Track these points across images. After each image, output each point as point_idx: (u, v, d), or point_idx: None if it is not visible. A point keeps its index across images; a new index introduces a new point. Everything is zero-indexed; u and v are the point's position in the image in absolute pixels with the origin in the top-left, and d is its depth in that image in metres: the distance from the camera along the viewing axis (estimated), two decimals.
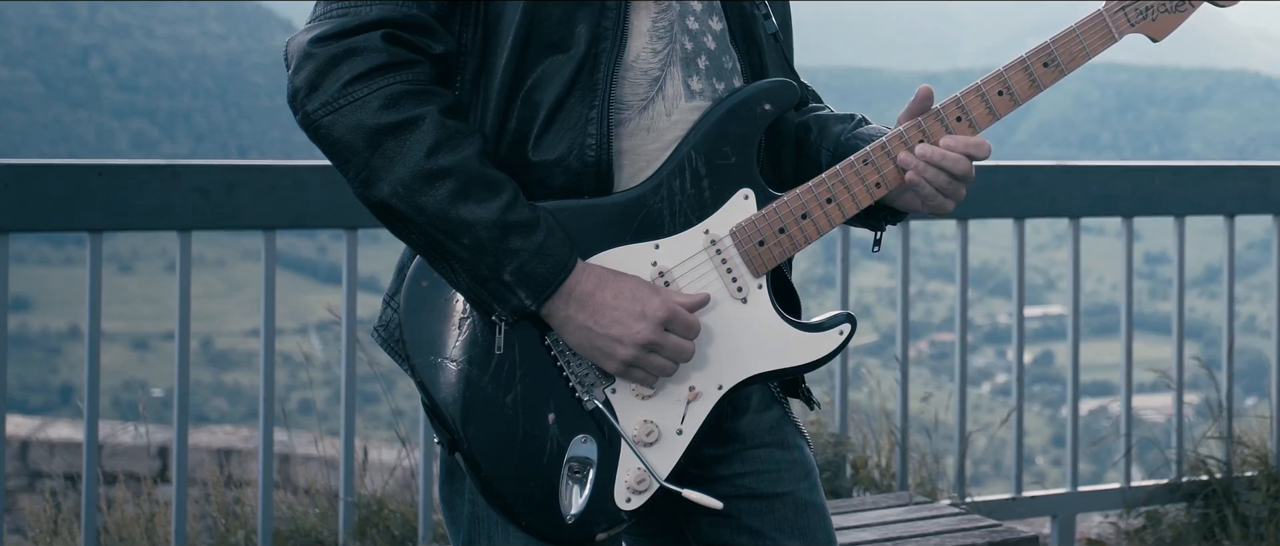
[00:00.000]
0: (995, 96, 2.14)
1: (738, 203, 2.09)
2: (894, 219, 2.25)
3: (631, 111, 2.08)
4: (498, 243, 1.97)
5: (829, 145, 2.24)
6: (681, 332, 2.03)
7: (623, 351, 2.02)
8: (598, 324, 2.01)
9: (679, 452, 2.07)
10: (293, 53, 2.01)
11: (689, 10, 2.13)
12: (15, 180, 4.00)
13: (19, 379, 41.12)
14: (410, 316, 2.05)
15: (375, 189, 1.98)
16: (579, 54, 2.04)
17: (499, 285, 1.99)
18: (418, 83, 1.98)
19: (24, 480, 7.04)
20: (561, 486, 2.03)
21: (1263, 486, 5.16)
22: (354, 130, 1.96)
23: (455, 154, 1.97)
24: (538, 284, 1.99)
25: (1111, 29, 2.16)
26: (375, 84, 1.96)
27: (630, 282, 2.03)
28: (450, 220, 1.97)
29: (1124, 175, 5.34)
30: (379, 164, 1.97)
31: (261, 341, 4.33)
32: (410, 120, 1.96)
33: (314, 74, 1.98)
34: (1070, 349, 5.26)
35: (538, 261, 1.99)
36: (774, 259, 2.10)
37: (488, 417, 2.02)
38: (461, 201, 1.97)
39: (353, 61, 1.97)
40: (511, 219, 1.98)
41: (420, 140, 1.96)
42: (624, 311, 2.01)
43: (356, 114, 1.96)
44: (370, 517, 4.48)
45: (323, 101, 1.97)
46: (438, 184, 1.96)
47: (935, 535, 4.11)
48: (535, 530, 2.05)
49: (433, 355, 2.04)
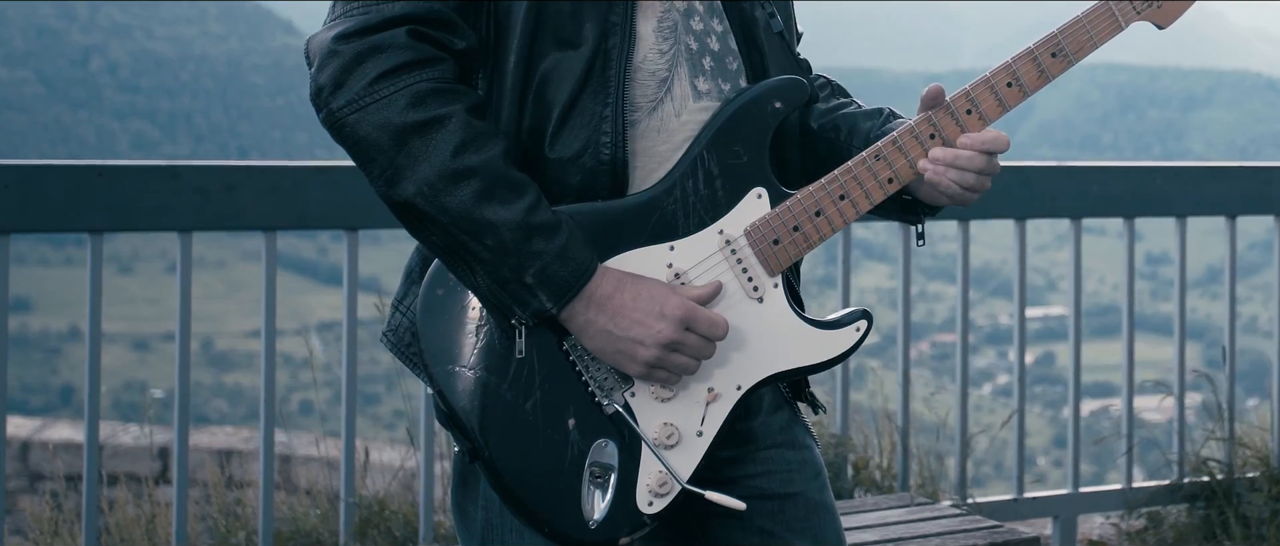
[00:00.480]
0: (1004, 88, 2.13)
1: (751, 201, 2.08)
2: (930, 212, 2.25)
3: (641, 113, 2.07)
4: (521, 244, 1.96)
5: (859, 143, 2.22)
6: (703, 331, 2.02)
7: (644, 352, 2.01)
8: (618, 326, 2.00)
9: (700, 454, 2.06)
10: (315, 50, 1.99)
11: (693, 11, 2.13)
12: (16, 181, 3.99)
13: (19, 380, 41.13)
14: (427, 325, 2.04)
15: (400, 187, 1.96)
16: (589, 51, 2.04)
17: (520, 288, 1.97)
18: (443, 80, 1.97)
19: (24, 481, 7.04)
20: (583, 491, 2.03)
21: (1264, 487, 5.16)
22: (380, 128, 1.94)
23: (481, 154, 1.96)
24: (559, 287, 1.98)
25: (1118, 16, 2.15)
26: (401, 82, 1.94)
27: (648, 284, 2.02)
28: (474, 220, 1.95)
29: (1125, 176, 5.33)
30: (404, 162, 1.95)
31: (262, 342, 4.33)
32: (437, 119, 1.95)
33: (338, 72, 1.95)
34: (1072, 350, 5.26)
35: (560, 264, 1.97)
36: (789, 257, 2.10)
37: (508, 425, 2.01)
38: (486, 202, 1.95)
39: (378, 58, 1.95)
40: (535, 221, 1.97)
41: (446, 139, 1.95)
42: (643, 312, 2.00)
43: (382, 112, 1.94)
44: (371, 518, 4.48)
45: (348, 99, 1.95)
46: (463, 184, 1.95)
47: (937, 536, 4.11)
48: (559, 536, 2.04)
49: (450, 363, 2.03)
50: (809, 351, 2.11)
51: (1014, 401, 5.19)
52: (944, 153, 2.12)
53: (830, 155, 2.24)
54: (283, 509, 4.70)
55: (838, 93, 2.36)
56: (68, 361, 49.00)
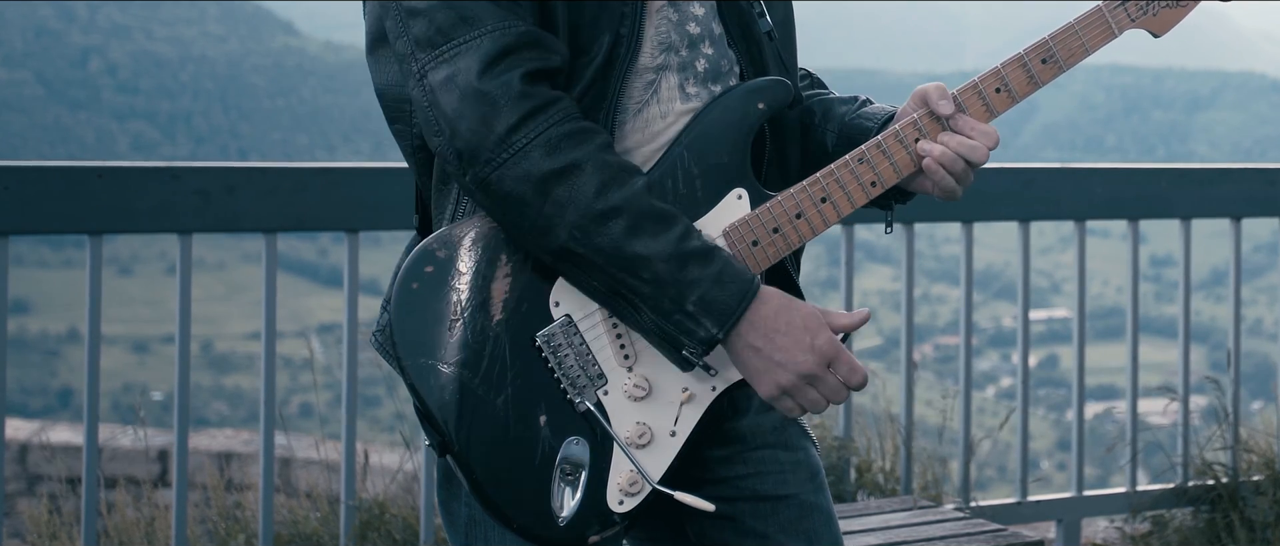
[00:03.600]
0: (992, 93, 2.13)
1: (731, 202, 2.07)
2: (903, 198, 2.23)
3: (627, 114, 2.07)
4: (676, 273, 1.96)
5: (834, 127, 2.23)
6: (842, 375, 2.02)
7: (784, 377, 2.01)
8: (767, 346, 2.00)
9: (672, 454, 2.05)
10: (423, 103, 1.98)
11: (690, 16, 2.12)
12: (15, 182, 3.98)
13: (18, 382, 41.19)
14: (401, 318, 2.03)
15: (552, 236, 1.97)
16: (599, 61, 2.04)
17: (684, 317, 1.97)
18: (568, 117, 1.97)
19: (23, 484, 7.02)
20: (553, 488, 2.02)
21: (1269, 491, 5.14)
22: (521, 181, 1.95)
23: (623, 190, 1.96)
24: (722, 311, 1.97)
25: (1111, 25, 2.14)
26: (531, 132, 1.95)
27: (805, 311, 2.01)
28: (627, 256, 1.96)
29: (1129, 177, 5.32)
30: (552, 211, 1.95)
31: (262, 344, 4.31)
32: (574, 164, 1.95)
33: (473, 133, 1.95)
34: (1075, 352, 5.25)
35: (718, 289, 1.97)
36: (768, 259, 2.08)
37: (479, 419, 2.01)
38: (636, 236, 1.96)
39: (503, 113, 1.94)
40: (687, 249, 1.97)
41: (587, 182, 1.95)
42: (795, 340, 2.00)
43: (521, 165, 1.95)
44: (371, 521, 4.46)
45: (486, 159, 1.95)
46: (611, 222, 1.96)
47: (940, 539, 4.10)
48: (527, 532, 2.03)
49: (423, 357, 2.02)
50: None
51: (1017, 404, 5.17)
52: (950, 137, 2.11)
53: (805, 139, 2.25)
54: (283, 512, 4.68)
55: (816, 84, 2.36)
56: (67, 363, 49.06)
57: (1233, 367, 5.37)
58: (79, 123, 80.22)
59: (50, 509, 4.59)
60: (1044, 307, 49.06)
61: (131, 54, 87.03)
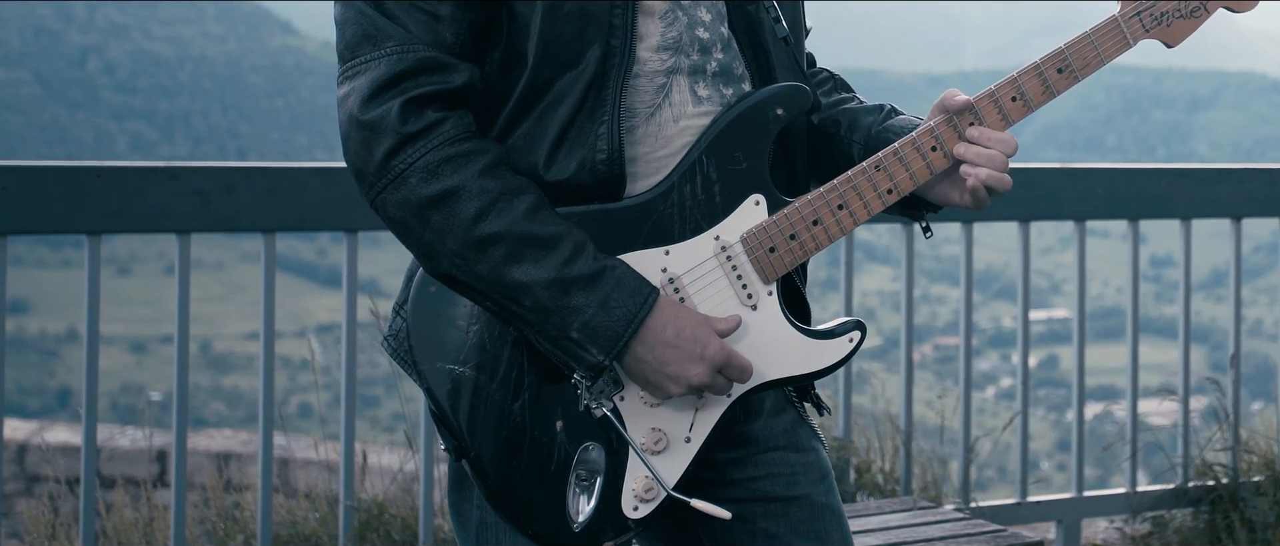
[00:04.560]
0: (1009, 102, 2.13)
1: (749, 208, 2.07)
2: (935, 208, 2.25)
3: (639, 118, 2.06)
4: (558, 300, 1.96)
5: (860, 138, 2.22)
6: (733, 376, 2.04)
7: (675, 388, 2.02)
8: (658, 362, 2.00)
9: (687, 460, 2.06)
10: (341, 123, 2.00)
11: (697, 21, 2.10)
12: (13, 182, 3.97)
13: (17, 382, 41.15)
14: (418, 322, 2.04)
15: (436, 262, 1.98)
16: (589, 73, 2.01)
17: (569, 343, 1.97)
18: (449, 141, 1.96)
19: (22, 484, 7.02)
20: (569, 494, 2.02)
21: (1269, 492, 5.14)
22: (401, 207, 1.96)
23: (503, 217, 1.95)
24: (608, 338, 1.97)
25: (1126, 34, 2.15)
26: (409, 157, 1.94)
27: (691, 321, 2.01)
28: (507, 284, 1.95)
29: (1130, 178, 5.32)
30: (432, 238, 1.96)
31: (261, 344, 4.31)
32: (450, 190, 1.95)
33: (356, 157, 1.97)
34: (1075, 352, 5.25)
35: (604, 315, 1.97)
36: (785, 265, 2.08)
37: (495, 424, 2.01)
38: (516, 263, 1.95)
39: (381, 139, 1.95)
40: (570, 274, 1.96)
41: (465, 208, 1.94)
42: (685, 352, 2.00)
43: (399, 191, 1.95)
44: (370, 522, 4.46)
45: (370, 183, 1.97)
46: (490, 249, 1.95)
47: (940, 540, 4.10)
48: (541, 537, 2.04)
49: (440, 361, 2.02)
50: (801, 361, 2.10)
51: (1017, 404, 5.17)
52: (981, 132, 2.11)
53: (830, 150, 2.24)
54: (281, 512, 4.68)
55: (840, 87, 2.35)
56: (65, 363, 49.01)
57: (1233, 368, 5.37)
58: (77, 122, 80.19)
59: (49, 509, 4.59)
60: (1044, 308, 49.07)
61: (130, 54, 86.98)
